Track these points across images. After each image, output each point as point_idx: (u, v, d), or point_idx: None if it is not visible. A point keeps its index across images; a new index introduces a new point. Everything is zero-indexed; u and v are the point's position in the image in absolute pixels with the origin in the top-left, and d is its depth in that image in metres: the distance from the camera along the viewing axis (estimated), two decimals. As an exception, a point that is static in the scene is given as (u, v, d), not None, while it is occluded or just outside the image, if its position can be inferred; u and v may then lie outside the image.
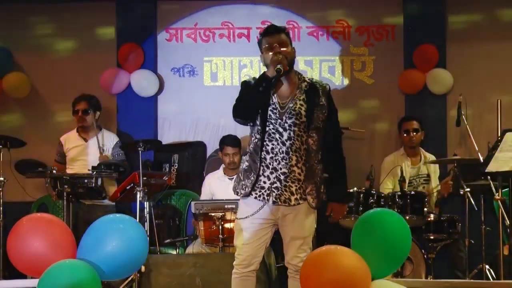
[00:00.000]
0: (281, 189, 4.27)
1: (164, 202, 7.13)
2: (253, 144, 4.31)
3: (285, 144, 4.26)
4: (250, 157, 4.32)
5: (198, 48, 7.74)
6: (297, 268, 4.29)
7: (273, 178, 4.27)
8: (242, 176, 4.34)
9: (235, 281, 4.37)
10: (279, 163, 4.26)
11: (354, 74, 7.73)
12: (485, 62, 7.62)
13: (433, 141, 7.43)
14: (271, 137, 4.27)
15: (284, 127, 4.27)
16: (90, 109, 6.79)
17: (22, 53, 7.76)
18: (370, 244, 3.47)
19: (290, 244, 4.33)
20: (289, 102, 4.31)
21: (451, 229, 6.31)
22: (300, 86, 4.37)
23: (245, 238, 4.31)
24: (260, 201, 4.28)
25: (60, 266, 3.29)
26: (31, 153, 6.65)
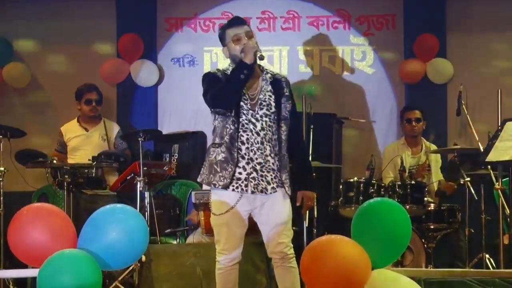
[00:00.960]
0: (258, 179, 4.30)
1: (165, 192, 7.13)
2: (228, 135, 4.31)
3: (259, 134, 4.31)
4: (226, 148, 4.31)
5: (198, 38, 7.73)
6: (283, 255, 4.33)
7: (250, 169, 4.30)
8: (219, 168, 4.31)
9: (221, 276, 4.37)
10: (255, 153, 4.30)
11: (354, 64, 7.73)
12: (486, 51, 7.61)
13: (434, 130, 7.43)
14: (245, 127, 4.31)
15: (256, 117, 4.32)
16: (101, 100, 6.82)
17: (22, 43, 7.76)
18: (370, 233, 3.47)
19: (271, 232, 4.34)
20: (258, 94, 4.36)
21: (451, 218, 6.31)
22: (265, 77, 4.42)
23: (228, 233, 4.32)
24: (237, 193, 4.29)
25: (60, 256, 3.29)
26: (31, 143, 6.66)
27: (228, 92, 4.28)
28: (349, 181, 6.23)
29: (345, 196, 6.18)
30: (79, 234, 3.46)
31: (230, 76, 4.30)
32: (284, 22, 7.76)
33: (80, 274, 3.25)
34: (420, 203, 6.13)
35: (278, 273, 4.40)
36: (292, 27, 7.76)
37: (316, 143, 6.19)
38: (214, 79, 4.36)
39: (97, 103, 6.80)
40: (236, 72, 4.25)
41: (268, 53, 7.72)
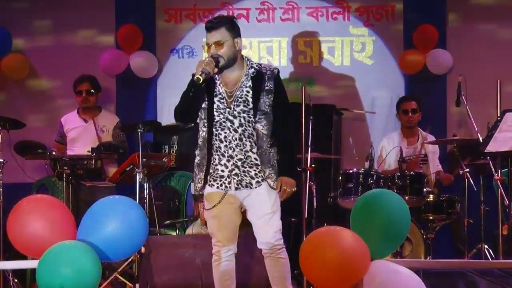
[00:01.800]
0: (241, 175, 4.35)
1: (164, 183, 7.13)
2: (201, 138, 4.41)
3: (237, 131, 4.33)
4: (200, 150, 4.41)
5: (197, 29, 7.72)
6: (270, 246, 4.35)
7: (231, 166, 4.34)
8: (197, 170, 4.44)
9: (218, 267, 4.41)
10: (234, 150, 4.33)
11: (354, 55, 7.72)
12: (485, 42, 7.61)
13: (433, 121, 7.43)
14: (223, 126, 4.34)
15: (234, 114, 4.34)
16: (93, 90, 6.80)
17: (21, 34, 7.75)
18: (369, 224, 3.48)
19: (259, 223, 4.37)
20: (236, 91, 4.36)
21: (450, 209, 6.32)
22: (247, 73, 4.40)
23: (219, 225, 4.38)
24: (222, 190, 4.35)
25: (60, 248, 3.30)
26: (31, 135, 6.65)
27: (180, 108, 4.37)
28: (348, 172, 6.24)
29: (344, 187, 6.19)
30: (79, 226, 3.46)
31: (183, 93, 4.34)
32: (284, 13, 7.75)
33: (80, 265, 3.25)
34: (419, 194, 6.14)
35: (267, 263, 4.42)
36: (291, 18, 7.75)
37: (315, 135, 6.18)
38: (188, 85, 4.36)
39: (88, 93, 6.78)
40: (187, 89, 4.31)
41: (267, 44, 7.73)
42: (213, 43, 4.32)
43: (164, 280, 5.30)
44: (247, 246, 4.81)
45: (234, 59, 4.36)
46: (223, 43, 4.31)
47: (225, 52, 4.31)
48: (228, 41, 4.33)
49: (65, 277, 3.21)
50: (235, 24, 4.42)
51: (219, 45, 4.32)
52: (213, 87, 4.36)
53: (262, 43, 7.73)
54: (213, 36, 4.33)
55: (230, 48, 4.33)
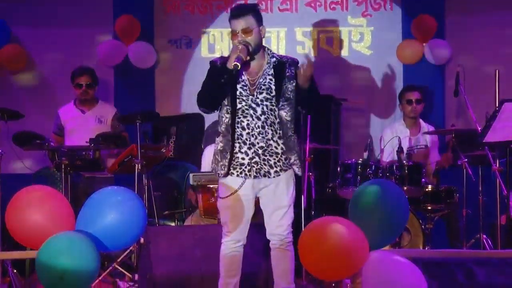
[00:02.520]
0: (261, 163, 4.32)
1: (163, 174, 7.13)
2: (224, 124, 4.34)
3: (260, 118, 4.31)
4: (223, 137, 4.35)
5: (195, 19, 7.71)
6: (282, 238, 4.34)
7: (252, 153, 4.31)
8: (219, 157, 4.36)
9: (225, 256, 4.40)
10: (256, 138, 4.31)
11: (352, 45, 7.72)
12: (484, 32, 7.61)
13: (432, 112, 7.44)
14: (245, 113, 4.30)
15: (256, 102, 4.31)
16: (93, 83, 6.79)
17: (19, 25, 7.73)
18: (368, 215, 3.48)
19: (273, 214, 4.36)
20: (259, 78, 4.34)
21: (449, 199, 6.33)
22: (269, 61, 4.39)
23: (232, 215, 4.35)
24: (241, 178, 4.31)
25: (59, 238, 3.30)
26: (29, 125, 6.64)
27: (208, 94, 4.31)
28: (346, 163, 6.23)
29: (342, 177, 6.18)
30: (77, 216, 3.46)
31: (212, 78, 4.29)
32: (282, 3, 7.74)
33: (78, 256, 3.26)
34: (417, 184, 6.14)
35: (274, 255, 4.41)
36: (289, 8, 7.74)
37: (314, 125, 6.18)
38: (211, 71, 4.33)
39: (88, 86, 6.76)
40: (217, 76, 4.25)
41: (266, 34, 7.68)
42: (241, 30, 4.27)
43: (163, 270, 5.30)
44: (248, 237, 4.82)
45: (259, 47, 4.34)
46: (251, 30, 4.29)
47: (253, 39, 4.28)
48: (255, 28, 4.31)
49: (64, 267, 3.21)
50: (260, 12, 4.42)
51: (247, 32, 4.28)
52: (237, 74, 4.30)
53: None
54: (240, 23, 4.28)
55: (257, 36, 4.31)
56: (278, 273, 4.41)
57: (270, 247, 4.43)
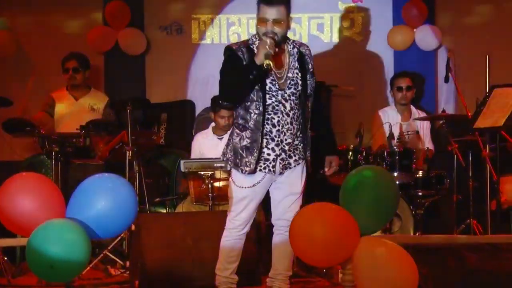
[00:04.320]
0: (286, 159, 4.30)
1: (153, 161, 7.13)
2: (252, 120, 4.21)
3: (289, 115, 4.24)
4: (252, 133, 4.22)
5: (186, 5, 7.68)
6: (289, 223, 4.32)
7: (279, 150, 4.26)
8: (245, 153, 4.24)
9: (227, 243, 4.39)
10: (285, 135, 4.25)
11: (343, 31, 7.72)
12: (474, 18, 7.63)
13: (423, 98, 7.46)
14: (276, 109, 4.21)
15: (285, 98, 4.23)
16: (80, 68, 6.76)
17: (8, 11, 7.69)
18: (359, 200, 3.49)
19: (285, 200, 4.35)
20: (287, 72, 4.27)
21: (439, 185, 6.34)
22: (292, 52, 4.32)
23: (244, 205, 4.32)
24: (264, 173, 4.27)
25: (49, 225, 3.30)
26: (19, 112, 6.62)
27: (236, 89, 4.18)
28: (337, 149, 6.23)
29: (334, 163, 6.19)
30: (68, 204, 3.45)
31: (241, 74, 4.13)
32: (272, -11, 7.70)
33: (69, 243, 3.25)
34: (408, 170, 6.15)
35: (277, 240, 4.42)
36: (280, -6, 7.70)
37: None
38: (233, 61, 4.19)
39: (74, 71, 6.74)
40: (246, 72, 4.11)
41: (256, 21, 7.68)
42: (273, 20, 4.17)
43: (155, 257, 5.30)
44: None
45: (285, 39, 4.28)
46: (282, 22, 4.20)
47: (281, 32, 4.20)
48: (285, 20, 4.21)
49: (54, 255, 3.21)
50: (290, 3, 4.30)
51: (278, 23, 4.18)
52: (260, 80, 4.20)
53: (251, 20, 7.69)
54: (273, 12, 4.16)
55: (285, 28, 4.23)
56: (277, 258, 4.42)
57: (274, 232, 4.43)
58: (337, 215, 3.42)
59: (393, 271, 3.29)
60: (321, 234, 3.36)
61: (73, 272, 3.35)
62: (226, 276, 4.40)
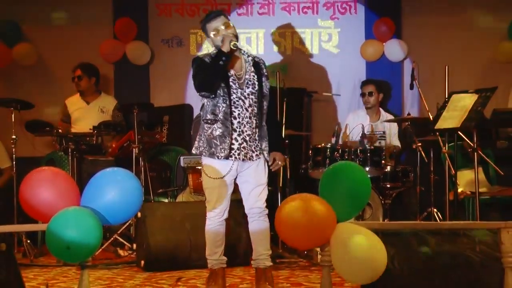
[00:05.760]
0: (247, 148, 4.32)
1: (157, 157, 7.12)
2: (222, 112, 4.27)
3: (248, 110, 4.30)
4: (222, 123, 4.28)
5: (185, 21, 7.67)
6: (261, 210, 4.36)
7: (241, 140, 4.29)
8: (218, 141, 4.27)
9: (211, 230, 4.38)
10: (245, 126, 4.30)
11: (322, 44, 7.72)
12: (436, 33, 7.65)
13: (391, 102, 7.49)
14: (237, 104, 4.28)
15: (244, 95, 4.31)
16: (84, 75, 6.75)
17: (29, 26, 7.69)
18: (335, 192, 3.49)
19: (254, 191, 4.36)
20: (245, 74, 4.34)
21: (405, 178, 6.36)
22: (247, 60, 4.40)
23: (219, 194, 4.34)
24: (231, 161, 4.29)
25: (66, 213, 3.28)
26: (39, 114, 6.61)
27: (209, 78, 4.23)
28: (317, 147, 6.25)
29: (313, 160, 6.20)
30: (82, 194, 3.45)
31: (211, 64, 4.24)
32: (260, 7, 7.73)
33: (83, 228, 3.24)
34: (378, 165, 6.17)
35: (253, 226, 4.40)
36: (267, 12, 7.72)
37: (289, 114, 6.20)
38: (202, 64, 4.29)
39: (79, 78, 6.75)
40: (215, 60, 4.21)
41: (246, 35, 7.70)
42: (223, 24, 4.29)
43: (158, 240, 5.31)
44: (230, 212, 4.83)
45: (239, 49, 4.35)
46: (230, 24, 4.32)
47: (234, 32, 4.30)
48: (230, 25, 4.33)
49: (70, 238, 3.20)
50: (226, 15, 4.45)
51: (229, 25, 4.30)
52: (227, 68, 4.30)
53: (241, 34, 7.67)
54: (219, 21, 4.30)
55: (235, 31, 4.32)
56: (256, 241, 4.41)
57: (249, 220, 4.42)
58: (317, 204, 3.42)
59: (365, 252, 3.30)
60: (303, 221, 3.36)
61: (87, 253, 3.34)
62: (216, 258, 4.40)
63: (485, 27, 7.62)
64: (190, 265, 5.23)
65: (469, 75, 7.40)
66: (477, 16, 7.63)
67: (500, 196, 6.51)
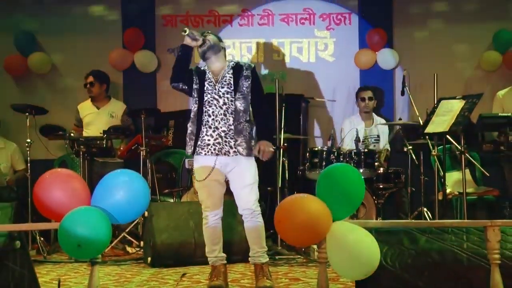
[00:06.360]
0: (222, 144, 4.32)
1: (163, 159, 7.11)
2: (193, 113, 4.40)
3: (222, 108, 4.34)
4: (192, 122, 4.40)
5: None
6: (252, 211, 4.33)
7: (216, 135, 4.32)
8: (188, 139, 4.41)
9: (208, 229, 4.38)
10: (219, 123, 4.33)
11: (318, 53, 7.71)
12: (425, 42, 7.65)
13: (383, 108, 7.48)
14: (210, 103, 4.35)
15: (219, 94, 4.35)
16: (96, 82, 6.74)
17: (44, 36, 7.68)
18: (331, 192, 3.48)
19: (241, 193, 4.35)
20: (221, 77, 4.39)
21: (397, 179, 6.36)
22: (229, 65, 4.45)
23: (208, 193, 4.35)
24: (211, 156, 4.31)
25: (77, 212, 3.28)
26: (53, 119, 6.60)
27: (174, 70, 4.43)
28: (314, 150, 6.24)
29: (311, 162, 6.20)
30: (93, 194, 3.44)
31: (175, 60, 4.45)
32: (261, 18, 7.72)
33: (94, 226, 3.24)
34: (371, 167, 6.17)
35: (247, 226, 4.39)
36: (267, 23, 7.72)
37: (287, 119, 6.19)
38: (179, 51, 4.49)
39: (91, 85, 6.74)
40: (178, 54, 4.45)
41: (247, 44, 7.70)
42: (200, 35, 4.38)
43: (164, 238, 5.30)
44: (231, 211, 4.82)
45: (219, 48, 4.40)
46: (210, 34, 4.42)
47: (212, 39, 4.38)
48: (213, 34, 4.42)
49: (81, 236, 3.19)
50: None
51: (207, 34, 4.41)
52: (204, 74, 4.41)
53: (243, 44, 7.70)
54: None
55: (215, 40, 4.39)
56: (251, 240, 4.40)
57: (244, 220, 4.40)
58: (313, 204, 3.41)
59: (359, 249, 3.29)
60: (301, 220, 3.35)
61: (97, 250, 3.34)
62: (216, 255, 4.39)
63: (471, 38, 7.61)
64: (194, 261, 5.21)
65: (456, 82, 7.40)
66: (463, 27, 7.63)
67: (486, 196, 6.50)
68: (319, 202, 3.44)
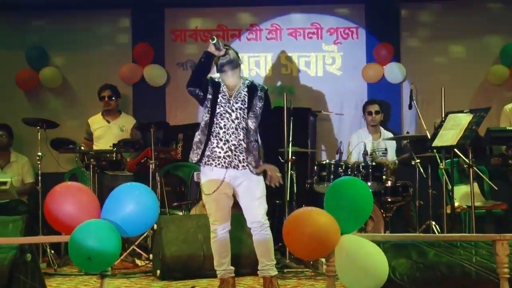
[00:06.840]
0: (232, 157, 4.34)
1: (172, 172, 7.11)
2: (204, 122, 4.42)
3: (234, 122, 4.36)
4: (202, 131, 4.42)
5: (198, 46, 7.70)
6: (260, 224, 4.34)
7: (226, 148, 4.33)
8: (195, 147, 4.43)
9: (216, 243, 4.39)
10: (230, 136, 4.35)
11: (326, 67, 7.72)
12: (433, 56, 7.65)
13: (390, 121, 7.47)
14: (223, 116, 4.37)
15: (232, 109, 4.37)
16: (114, 96, 6.77)
17: (55, 51, 7.72)
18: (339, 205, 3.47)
19: (249, 206, 4.36)
20: (235, 92, 4.41)
21: (405, 193, 6.33)
22: (244, 82, 4.47)
23: (216, 207, 4.35)
24: (219, 168, 4.31)
25: (87, 225, 3.28)
26: (63, 133, 6.62)
27: (193, 75, 4.47)
28: (322, 163, 6.23)
29: (319, 175, 6.18)
30: (102, 207, 3.44)
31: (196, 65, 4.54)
32: (269, 33, 7.74)
33: (104, 239, 3.24)
34: (379, 180, 6.14)
35: (255, 239, 4.39)
36: (275, 37, 7.74)
37: (295, 132, 6.17)
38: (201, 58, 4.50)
39: (109, 98, 6.75)
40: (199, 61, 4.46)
41: (256, 58, 7.72)
42: (223, 46, 4.39)
43: (173, 251, 5.28)
44: (239, 224, 4.81)
45: (237, 64, 4.42)
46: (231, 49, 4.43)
47: (232, 53, 4.41)
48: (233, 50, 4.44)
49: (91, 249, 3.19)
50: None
51: (229, 48, 4.42)
52: (219, 86, 4.43)
53: (251, 58, 7.72)
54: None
55: (235, 56, 4.42)
56: (260, 253, 4.40)
57: (252, 233, 4.40)
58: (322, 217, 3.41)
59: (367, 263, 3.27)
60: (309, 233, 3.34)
61: (107, 263, 3.34)
62: (224, 269, 4.39)
63: (479, 52, 7.61)
64: (203, 274, 5.20)
65: (464, 96, 7.38)
66: (471, 42, 7.63)
67: (495, 210, 6.46)
68: (327, 216, 3.43)
